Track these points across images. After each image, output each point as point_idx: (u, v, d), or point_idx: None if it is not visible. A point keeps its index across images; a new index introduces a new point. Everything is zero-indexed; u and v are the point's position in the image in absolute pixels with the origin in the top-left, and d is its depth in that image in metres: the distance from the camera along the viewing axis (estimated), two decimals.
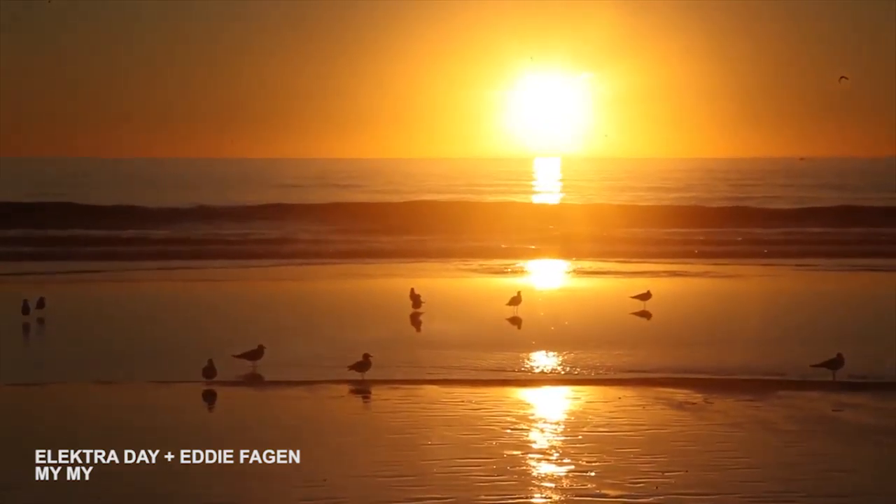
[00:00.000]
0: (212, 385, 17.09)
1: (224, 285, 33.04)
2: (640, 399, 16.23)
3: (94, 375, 17.91)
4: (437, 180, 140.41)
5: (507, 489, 11.41)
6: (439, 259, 41.12)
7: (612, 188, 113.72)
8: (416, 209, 60.81)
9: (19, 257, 41.87)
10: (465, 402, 15.89)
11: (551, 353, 20.11)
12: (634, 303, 25.90)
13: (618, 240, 49.50)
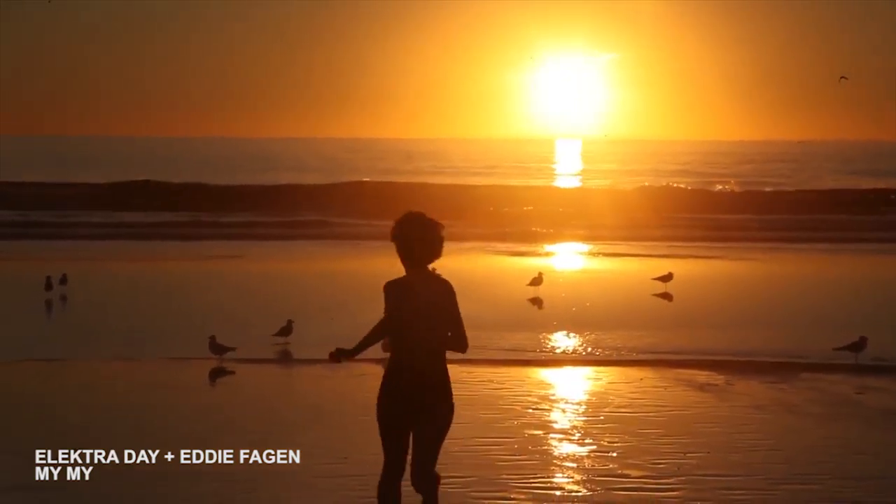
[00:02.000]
0: (237, 362, 17.11)
1: (255, 265, 33.09)
2: (662, 380, 16.18)
3: (116, 352, 17.94)
4: (459, 161, 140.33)
5: (528, 468, 11.38)
6: (459, 240, 41.09)
7: (634, 171, 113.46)
8: (436, 190, 60.71)
9: (42, 236, 42.09)
10: (485, 382, 15.87)
11: (572, 333, 20.06)
12: (656, 284, 25.83)
13: (639, 222, 49.32)
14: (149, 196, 56.42)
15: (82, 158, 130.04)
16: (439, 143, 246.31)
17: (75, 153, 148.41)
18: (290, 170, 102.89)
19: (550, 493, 10.62)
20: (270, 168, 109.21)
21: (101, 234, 42.97)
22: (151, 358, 17.47)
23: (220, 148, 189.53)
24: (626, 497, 10.49)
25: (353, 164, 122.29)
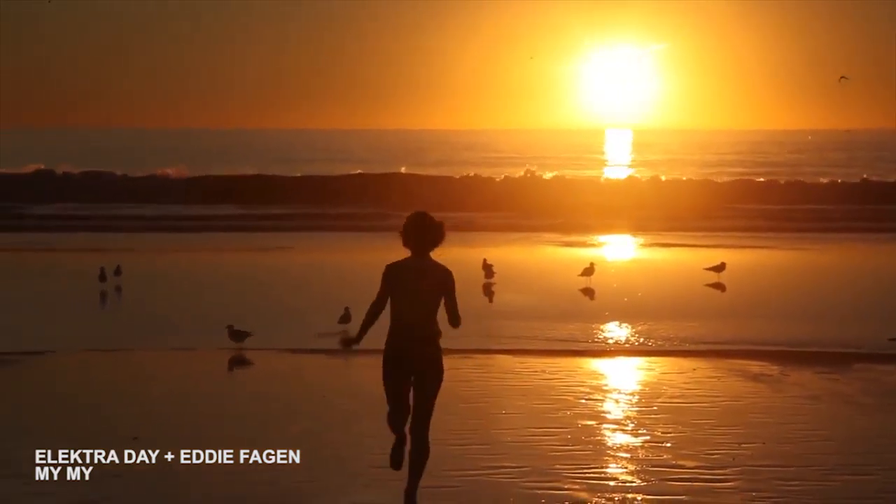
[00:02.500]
0: (292, 353, 17.23)
1: (308, 256, 33.27)
2: (715, 371, 16.13)
3: (172, 343, 18.12)
4: (508, 152, 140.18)
5: (581, 459, 11.39)
6: (509, 231, 41.11)
7: (684, 161, 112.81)
8: (486, 181, 60.64)
9: (96, 228, 42.52)
10: (538, 372, 15.89)
11: (624, 324, 20.03)
12: (708, 274, 25.72)
13: (690, 212, 49.07)
14: (208, 188, 56.75)
15: (143, 150, 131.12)
16: (491, 135, 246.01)
17: (137, 145, 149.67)
18: (342, 161, 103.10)
19: (604, 483, 10.62)
20: (320, 159, 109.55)
21: (156, 227, 43.38)
22: (207, 348, 17.62)
23: (268, 140, 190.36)
24: (680, 488, 10.48)
25: (405, 156, 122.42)
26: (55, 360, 16.81)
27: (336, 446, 11.90)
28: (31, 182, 56.83)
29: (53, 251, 34.74)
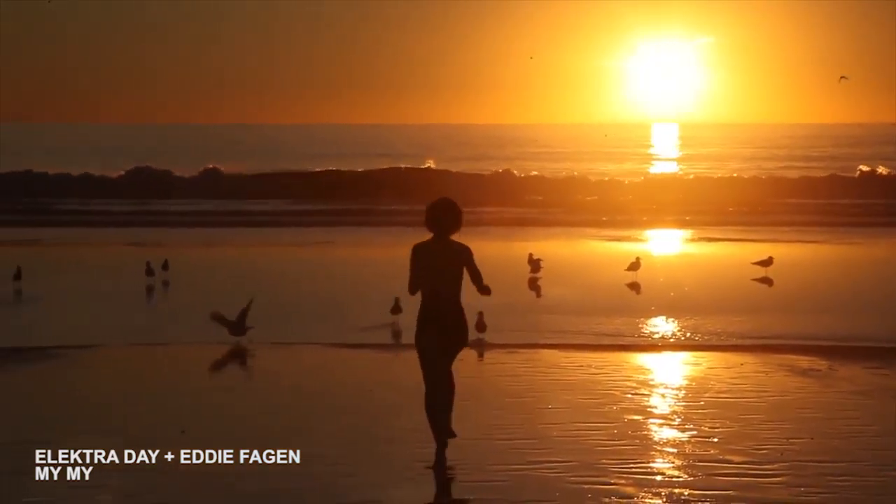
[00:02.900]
0: (329, 345, 17.26)
1: (351, 251, 33.36)
2: (763, 366, 15.98)
3: (217, 337, 18.18)
4: (554, 146, 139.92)
5: (628, 453, 11.31)
6: (554, 226, 41.01)
7: (730, 155, 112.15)
8: (530, 177, 60.54)
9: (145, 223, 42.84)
10: (584, 367, 15.81)
11: (671, 318, 19.91)
12: (756, 269, 25.52)
13: (736, 207, 48.80)
14: (253, 183, 57.01)
15: (182, 145, 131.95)
16: (536, 129, 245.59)
17: (176, 140, 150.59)
18: (393, 156, 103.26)
19: (650, 478, 10.54)
20: (364, 154, 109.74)
21: (200, 222, 43.63)
22: (251, 343, 17.67)
23: (312, 134, 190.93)
24: (728, 482, 10.38)
25: (450, 151, 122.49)
26: (101, 354, 16.91)
27: (378, 440, 11.89)
28: (85, 180, 57.52)
29: (103, 246, 35.01)
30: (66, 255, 32.64)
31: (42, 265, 28.30)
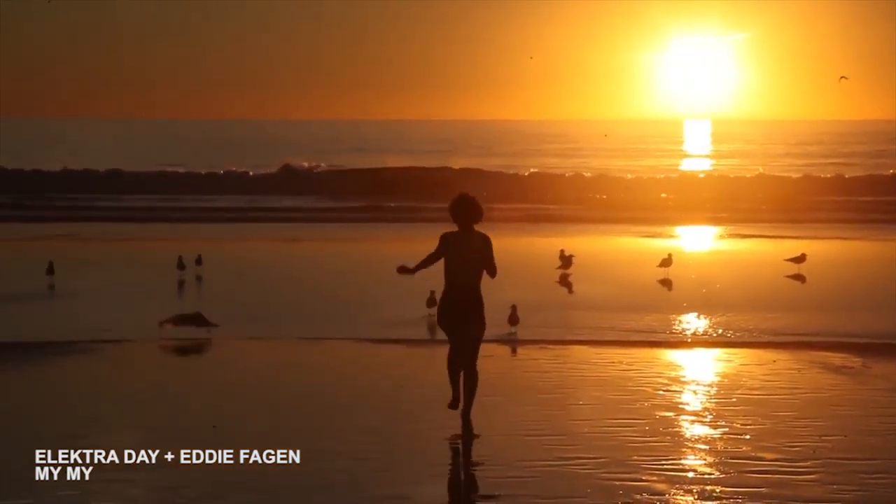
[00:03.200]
0: (363, 340, 17.29)
1: (383, 246, 33.39)
2: (796, 362, 15.88)
3: (251, 331, 18.23)
4: (586, 142, 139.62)
5: (659, 450, 11.26)
6: (585, 222, 40.93)
7: (765, 152, 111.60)
8: (561, 175, 60.46)
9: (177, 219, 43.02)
10: (615, 364, 15.75)
11: (703, 315, 19.82)
12: (789, 265, 25.38)
13: (770, 204, 48.56)
14: (286, 180, 57.18)
15: (228, 142, 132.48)
16: (568, 125, 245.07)
17: (220, 137, 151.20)
18: (424, 153, 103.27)
19: (682, 475, 10.49)
20: (405, 151, 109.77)
21: (238, 218, 43.81)
22: (284, 338, 17.71)
23: (343, 130, 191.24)
24: (760, 480, 10.32)
25: (482, 148, 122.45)
26: (132, 349, 16.97)
27: (411, 436, 11.89)
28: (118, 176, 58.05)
29: (138, 241, 35.19)
30: (102, 249, 32.80)
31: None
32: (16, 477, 10.35)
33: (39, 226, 39.22)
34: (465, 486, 10.30)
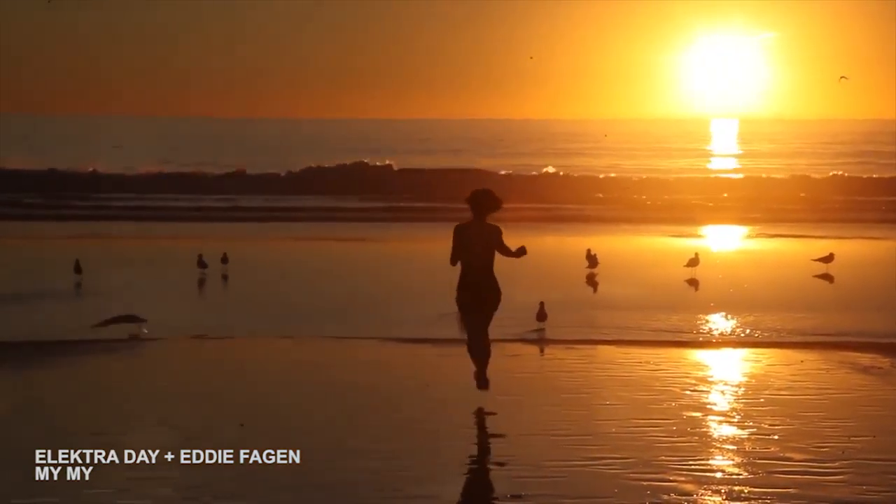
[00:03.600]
0: (387, 340, 17.30)
1: (409, 246, 33.40)
2: (824, 363, 15.81)
3: (279, 330, 18.27)
4: (612, 142, 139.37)
5: (687, 450, 11.23)
6: (612, 222, 40.86)
7: (791, 152, 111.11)
8: (586, 175, 60.36)
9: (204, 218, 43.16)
10: (642, 363, 15.71)
11: (730, 315, 19.76)
12: (816, 265, 25.28)
13: (797, 204, 48.38)
14: (311, 180, 57.30)
15: (255, 141, 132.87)
16: (595, 125, 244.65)
17: (259, 137, 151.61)
18: (453, 153, 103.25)
19: (710, 475, 10.46)
20: (431, 151, 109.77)
21: (266, 217, 43.96)
22: (310, 336, 17.74)
23: (368, 129, 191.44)
24: (788, 481, 10.27)
25: (510, 147, 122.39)
26: (163, 347, 17.04)
27: (435, 435, 11.90)
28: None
29: (172, 239, 35.34)
30: (135, 248, 32.95)
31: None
32: (47, 475, 10.39)
33: (75, 224, 39.53)
34: (491, 485, 10.29)
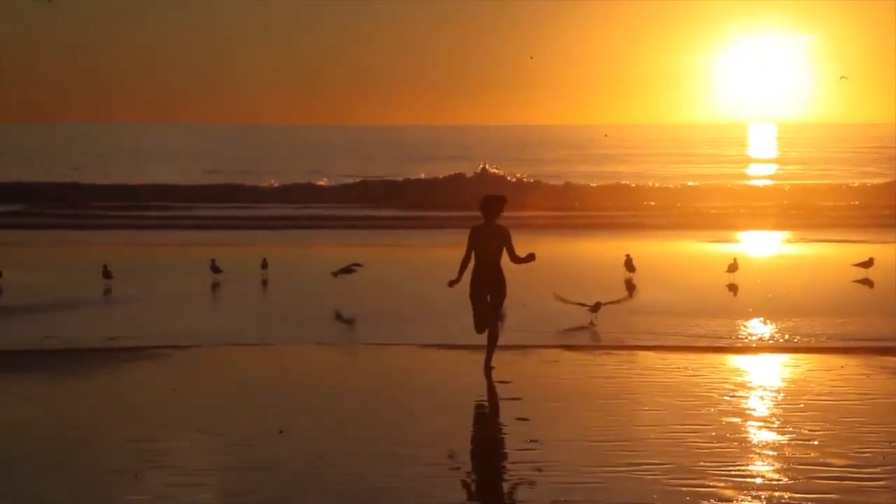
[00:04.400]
0: (427, 346, 17.32)
1: (445, 252, 33.44)
2: (864, 368, 15.71)
3: (317, 337, 18.33)
4: (646, 147, 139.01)
5: (726, 456, 11.18)
6: (649, 228, 40.77)
7: (831, 158, 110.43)
8: (623, 184, 60.19)
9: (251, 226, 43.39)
10: (681, 369, 15.66)
11: (769, 320, 19.66)
12: (856, 270, 25.12)
13: (837, 210, 48.10)
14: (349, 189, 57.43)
15: (282, 146, 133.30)
16: (630, 130, 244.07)
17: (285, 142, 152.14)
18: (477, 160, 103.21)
19: (750, 481, 10.41)
20: (460, 157, 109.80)
21: (297, 224, 44.12)
22: (349, 343, 17.79)
23: (389, 136, 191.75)
24: (829, 486, 10.21)
25: (547, 153, 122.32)
26: (198, 354, 17.12)
27: (476, 441, 11.91)
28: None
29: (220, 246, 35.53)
30: (168, 256, 33.13)
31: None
32: (85, 482, 10.48)
33: (103, 233, 39.81)
34: (531, 491, 10.28)
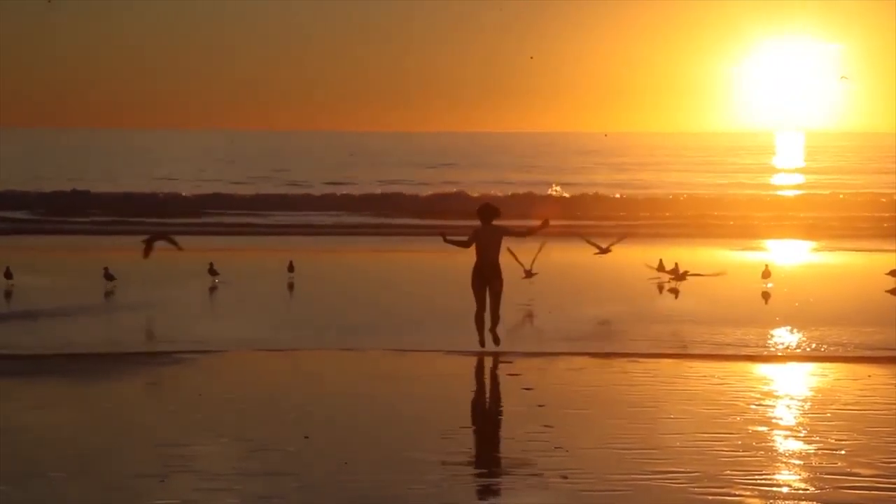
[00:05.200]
0: (450, 353, 17.32)
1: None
2: (893, 377, 15.63)
3: (340, 342, 18.36)
4: (673, 155, 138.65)
5: (752, 465, 11.14)
6: (676, 236, 40.67)
7: (861, 168, 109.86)
8: (648, 188, 60.03)
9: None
10: (707, 377, 15.61)
11: (796, 328, 19.57)
12: (888, 280, 24.97)
13: (869, 219, 47.85)
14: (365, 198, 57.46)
15: (302, 152, 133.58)
16: (658, 138, 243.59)
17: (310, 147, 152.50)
18: (507, 168, 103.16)
19: (776, 490, 10.36)
20: (478, 165, 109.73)
21: (329, 231, 44.26)
22: (374, 349, 17.80)
23: (398, 142, 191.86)
24: (856, 496, 10.16)
25: (574, 160, 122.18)
26: (226, 359, 17.17)
27: (501, 446, 11.89)
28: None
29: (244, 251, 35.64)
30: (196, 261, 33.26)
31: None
32: (112, 487, 10.52)
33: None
34: (555, 499, 10.25)
